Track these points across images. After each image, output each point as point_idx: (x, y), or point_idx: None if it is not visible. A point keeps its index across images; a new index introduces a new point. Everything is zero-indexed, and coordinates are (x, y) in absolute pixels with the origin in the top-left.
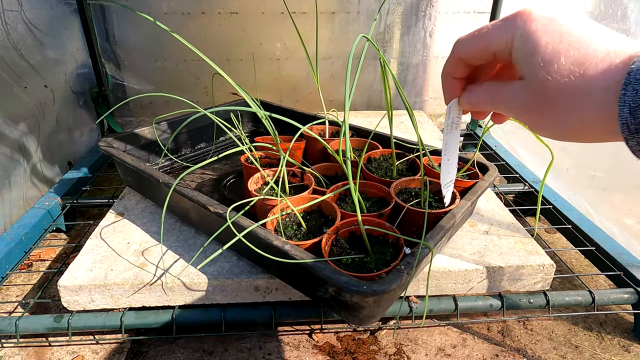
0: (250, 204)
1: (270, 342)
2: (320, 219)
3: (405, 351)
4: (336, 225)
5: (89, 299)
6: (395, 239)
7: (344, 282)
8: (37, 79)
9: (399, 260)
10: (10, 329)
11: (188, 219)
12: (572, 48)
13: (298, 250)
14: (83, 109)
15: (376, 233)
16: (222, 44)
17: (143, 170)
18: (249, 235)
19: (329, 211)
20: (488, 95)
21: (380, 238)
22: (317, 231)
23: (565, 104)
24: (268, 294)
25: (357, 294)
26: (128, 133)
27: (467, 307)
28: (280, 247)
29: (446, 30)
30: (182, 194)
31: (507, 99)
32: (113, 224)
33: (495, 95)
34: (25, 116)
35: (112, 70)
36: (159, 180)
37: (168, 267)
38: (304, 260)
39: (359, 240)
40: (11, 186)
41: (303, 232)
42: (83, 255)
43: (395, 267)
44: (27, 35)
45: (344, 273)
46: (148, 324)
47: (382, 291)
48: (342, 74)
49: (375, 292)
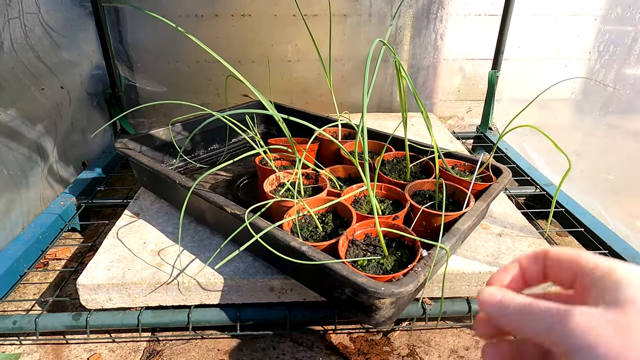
0: (266, 206)
1: (284, 342)
2: (336, 221)
3: (418, 352)
4: (352, 227)
5: (107, 297)
6: (411, 241)
7: (362, 283)
8: (54, 80)
9: (416, 262)
10: (30, 326)
11: (203, 220)
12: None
13: (315, 252)
14: (96, 110)
15: (392, 235)
16: (234, 46)
17: (160, 171)
18: (266, 236)
19: (344, 213)
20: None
21: (396, 240)
22: (333, 233)
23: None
24: (283, 294)
25: (374, 295)
26: (143, 134)
27: None
28: (297, 248)
29: (457, 32)
30: (200, 195)
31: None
32: (129, 224)
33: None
34: (42, 117)
35: (125, 72)
36: (176, 181)
37: (184, 267)
38: (322, 262)
39: (375, 242)
40: (29, 186)
41: (319, 233)
42: (101, 255)
43: (412, 269)
44: (44, 37)
45: (362, 274)
46: (164, 323)
47: (399, 292)
48: (353, 76)
49: (393, 294)
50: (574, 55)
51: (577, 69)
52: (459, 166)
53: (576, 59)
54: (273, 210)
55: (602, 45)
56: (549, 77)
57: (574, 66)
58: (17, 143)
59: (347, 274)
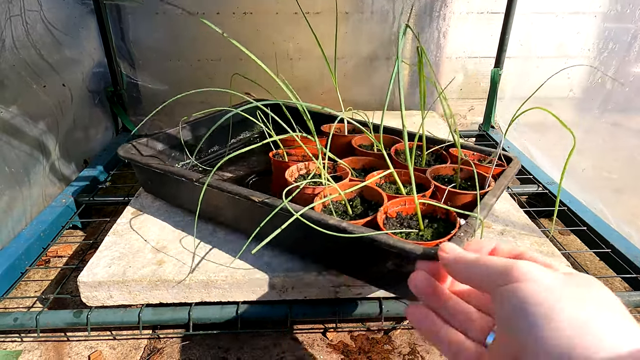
0: (297, 190)
1: (285, 340)
2: (363, 204)
3: (420, 351)
4: (385, 204)
5: (108, 295)
6: (444, 215)
7: (411, 249)
8: (56, 77)
9: (457, 229)
10: (31, 323)
11: (212, 217)
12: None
13: (357, 227)
14: (98, 108)
15: (424, 211)
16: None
17: (173, 171)
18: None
19: (371, 196)
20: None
21: (428, 216)
22: (363, 215)
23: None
24: (284, 292)
25: (424, 258)
26: (144, 138)
27: None
28: (337, 225)
29: (460, 31)
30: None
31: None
32: (130, 221)
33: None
34: (44, 114)
35: (127, 70)
36: (193, 180)
37: (184, 264)
38: (366, 234)
39: (408, 219)
40: (31, 183)
41: (350, 216)
42: (102, 252)
43: (454, 235)
44: (45, 35)
45: (409, 242)
46: (165, 321)
47: None
48: (355, 73)
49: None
50: (574, 52)
51: (576, 67)
52: (469, 156)
53: (575, 57)
54: (296, 199)
55: (602, 43)
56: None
57: (573, 63)
58: (19, 141)
59: (394, 242)
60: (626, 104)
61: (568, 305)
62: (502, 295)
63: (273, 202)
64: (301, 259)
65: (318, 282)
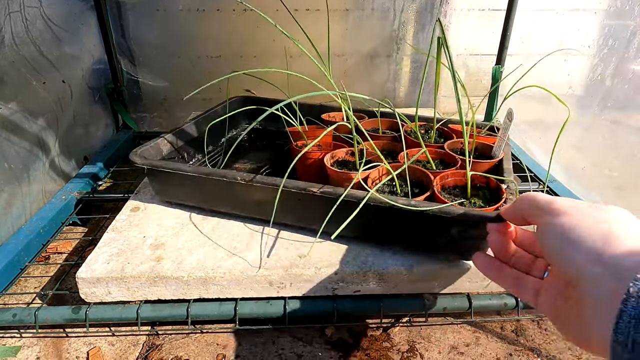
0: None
1: (283, 337)
2: (405, 183)
3: (418, 348)
4: (436, 180)
5: (106, 291)
6: (484, 183)
7: (479, 215)
8: (55, 74)
9: (505, 194)
10: (30, 319)
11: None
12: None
13: (423, 203)
14: (98, 105)
15: (461, 183)
16: (236, 41)
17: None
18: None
19: (412, 175)
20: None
21: (464, 186)
22: (414, 194)
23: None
24: (282, 289)
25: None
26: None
27: (481, 305)
28: (406, 204)
29: (461, 28)
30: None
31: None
32: (129, 217)
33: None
34: (44, 111)
35: (127, 66)
36: (237, 179)
37: (182, 261)
38: (440, 206)
39: (453, 191)
40: (30, 180)
41: (398, 194)
42: (100, 248)
43: (505, 200)
44: (45, 31)
45: (474, 209)
46: (163, 317)
47: None
48: (355, 71)
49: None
50: (573, 50)
51: (576, 63)
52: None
53: (575, 55)
54: (333, 182)
55: (602, 39)
56: (550, 72)
57: (573, 60)
58: (18, 137)
59: (465, 211)
60: (626, 101)
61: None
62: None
63: (336, 191)
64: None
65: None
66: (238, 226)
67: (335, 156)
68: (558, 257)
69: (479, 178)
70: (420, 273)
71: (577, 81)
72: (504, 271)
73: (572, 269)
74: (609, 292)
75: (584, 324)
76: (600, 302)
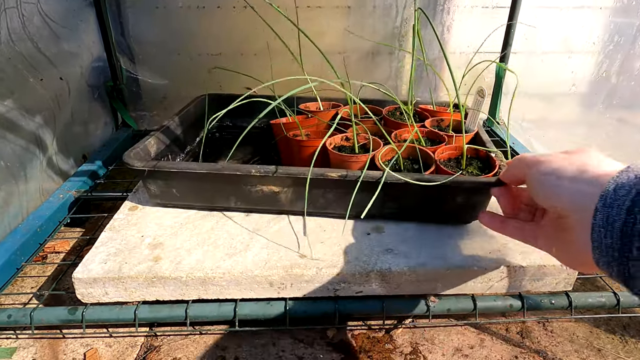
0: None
1: (284, 338)
2: (406, 161)
3: (422, 350)
4: (437, 154)
5: (103, 291)
6: (473, 154)
7: (483, 181)
8: (53, 71)
9: (497, 162)
10: (25, 320)
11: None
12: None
13: (437, 177)
14: (97, 103)
15: (454, 155)
16: (236, 38)
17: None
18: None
19: (411, 154)
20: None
21: (457, 158)
22: (418, 169)
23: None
24: (282, 289)
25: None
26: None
27: (486, 307)
28: (420, 177)
29: (464, 25)
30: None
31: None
32: (127, 216)
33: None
34: (41, 108)
35: (127, 64)
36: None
37: (181, 261)
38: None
39: (449, 162)
40: (27, 178)
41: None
42: (97, 248)
43: (499, 166)
44: (43, 28)
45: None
46: (162, 318)
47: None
48: (357, 68)
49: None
50: (578, 47)
51: (580, 61)
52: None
53: (580, 52)
54: (334, 164)
55: (608, 36)
56: (554, 70)
57: (577, 58)
58: (14, 135)
59: (472, 179)
60: (632, 99)
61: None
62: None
63: (354, 174)
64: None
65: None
66: (238, 226)
67: (332, 143)
68: (546, 195)
69: (469, 150)
70: (423, 273)
71: (581, 79)
72: (506, 223)
73: (558, 201)
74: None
75: (576, 245)
76: (582, 219)
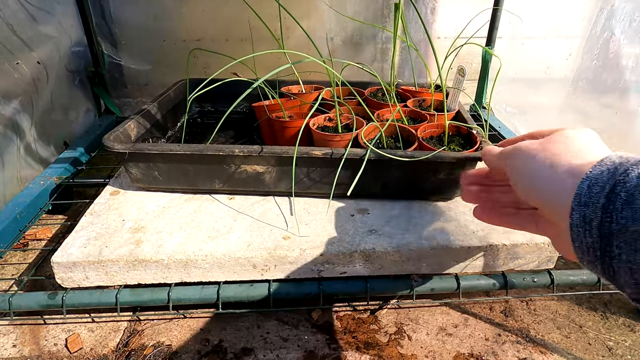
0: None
1: (269, 321)
2: (389, 139)
3: (406, 330)
4: (420, 132)
5: (84, 275)
6: (455, 132)
7: (466, 156)
8: (30, 55)
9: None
10: (4, 305)
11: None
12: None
13: (420, 153)
14: (79, 89)
15: (437, 133)
16: (222, 24)
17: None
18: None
19: (394, 132)
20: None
21: (439, 135)
22: (399, 147)
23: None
24: (266, 271)
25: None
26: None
27: (470, 285)
28: (404, 154)
29: (448, 8)
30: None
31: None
32: (108, 201)
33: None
34: (17, 93)
35: (108, 49)
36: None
37: (162, 244)
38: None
39: (431, 140)
40: (4, 165)
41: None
42: (77, 232)
43: (480, 142)
44: (19, 10)
45: (463, 152)
46: (144, 302)
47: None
48: (342, 51)
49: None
50: (565, 30)
51: (569, 45)
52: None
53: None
54: (317, 143)
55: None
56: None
57: (565, 42)
58: None
59: (454, 155)
60: (622, 85)
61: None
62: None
63: (338, 152)
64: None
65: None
66: (222, 208)
67: (315, 123)
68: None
69: (450, 127)
70: (407, 253)
71: (570, 65)
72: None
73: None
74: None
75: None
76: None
